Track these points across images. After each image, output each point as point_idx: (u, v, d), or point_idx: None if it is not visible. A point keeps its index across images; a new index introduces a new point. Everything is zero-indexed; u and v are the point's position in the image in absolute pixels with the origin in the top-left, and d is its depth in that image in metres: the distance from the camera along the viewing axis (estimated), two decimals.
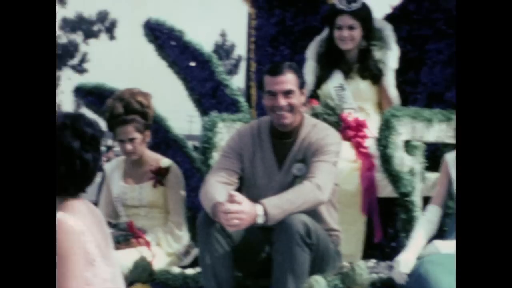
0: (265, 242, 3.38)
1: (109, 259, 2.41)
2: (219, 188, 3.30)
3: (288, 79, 3.36)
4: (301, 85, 3.42)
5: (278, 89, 3.35)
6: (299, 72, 3.43)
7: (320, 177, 3.26)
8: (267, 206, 3.13)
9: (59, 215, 2.28)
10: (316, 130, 3.41)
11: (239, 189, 3.52)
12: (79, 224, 2.30)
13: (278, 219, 3.15)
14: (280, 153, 3.43)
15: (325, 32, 4.45)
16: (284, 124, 3.38)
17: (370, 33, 4.31)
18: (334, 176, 3.36)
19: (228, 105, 4.59)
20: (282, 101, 3.35)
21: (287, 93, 3.36)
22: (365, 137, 4.05)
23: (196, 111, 4.87)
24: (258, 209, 3.12)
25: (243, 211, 3.09)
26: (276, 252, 3.20)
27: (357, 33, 4.24)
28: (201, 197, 3.33)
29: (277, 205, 3.15)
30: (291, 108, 3.37)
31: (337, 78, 4.32)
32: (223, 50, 48.81)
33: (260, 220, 3.13)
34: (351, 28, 4.21)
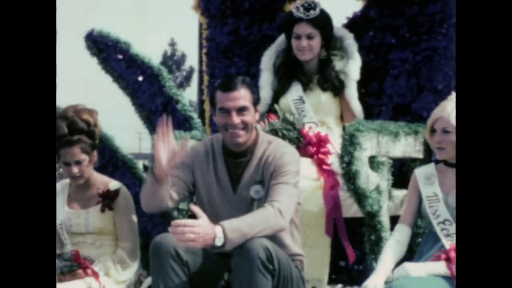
0: (223, 269, 3.36)
1: None
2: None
3: (242, 95, 3.35)
4: (256, 101, 3.41)
5: (231, 105, 3.34)
6: (253, 87, 3.43)
7: (281, 201, 3.25)
8: (227, 229, 3.11)
9: None
10: (272, 148, 3.41)
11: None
12: None
13: (237, 243, 3.13)
14: (234, 174, 3.42)
15: (279, 41, 4.47)
16: (238, 143, 3.38)
17: (330, 42, 4.34)
18: (295, 199, 3.36)
19: (180, 122, 4.57)
20: (236, 119, 3.34)
21: (241, 110, 3.35)
22: (328, 153, 4.06)
23: (145, 128, 4.84)
24: (217, 230, 3.11)
25: (200, 225, 3.07)
26: (236, 279, 3.17)
27: (316, 42, 4.26)
28: (143, 198, 3.38)
29: (237, 228, 3.13)
30: (245, 126, 3.36)
31: (296, 91, 4.33)
32: (173, 61, 48.71)
33: (219, 242, 3.10)
34: (309, 37, 4.24)
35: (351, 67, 4.30)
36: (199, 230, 3.06)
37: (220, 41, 4.73)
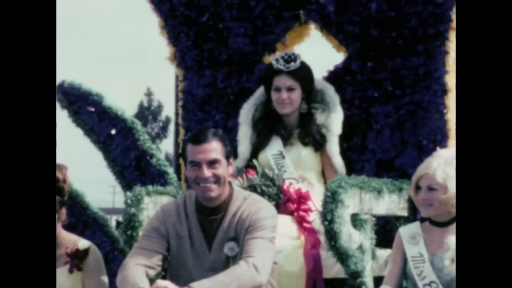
0: None
1: None
2: (140, 272, 3.24)
3: (213, 148, 3.36)
4: (228, 154, 3.41)
5: (202, 158, 3.33)
6: (225, 140, 3.43)
7: (257, 256, 3.22)
8: None
9: None
10: (247, 204, 3.39)
11: (164, 271, 3.47)
12: None
13: None
14: (209, 232, 3.39)
15: (258, 93, 4.47)
16: (210, 197, 3.36)
17: (311, 95, 4.35)
18: (272, 254, 3.33)
19: (155, 177, 4.54)
20: (207, 172, 3.33)
21: (212, 163, 3.34)
22: (309, 210, 4.04)
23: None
24: None
25: None
26: None
27: (297, 95, 4.27)
28: (119, 283, 3.25)
29: None
30: (217, 180, 3.35)
31: (275, 145, 4.32)
32: (150, 111, 48.80)
33: None
34: (290, 89, 4.24)
35: (333, 121, 4.30)
36: None
37: (196, 93, 4.73)
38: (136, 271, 3.24)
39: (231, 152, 3.45)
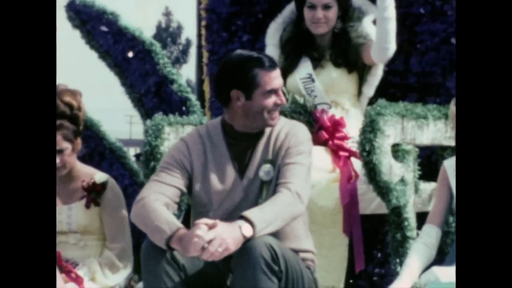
0: (224, 273, 3.33)
1: None
2: (166, 210, 3.25)
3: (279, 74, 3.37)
4: None
5: (279, 85, 3.34)
6: None
7: (298, 183, 3.23)
8: (254, 220, 3.07)
9: None
10: (282, 123, 3.40)
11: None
12: None
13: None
14: (241, 158, 3.39)
15: (287, 11, 4.42)
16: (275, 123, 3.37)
17: (348, 12, 4.29)
18: (310, 182, 3.35)
19: (176, 105, 4.55)
20: (283, 98, 3.35)
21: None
22: (345, 138, 4.03)
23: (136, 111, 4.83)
24: (243, 226, 3.05)
25: (221, 235, 3.03)
26: (237, 282, 3.14)
27: (333, 13, 4.21)
28: (139, 221, 3.26)
29: (263, 218, 3.10)
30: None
31: (304, 67, 4.29)
32: (168, 33, 48.79)
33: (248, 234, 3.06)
34: (326, 7, 4.19)
35: (367, 24, 4.24)
36: (227, 240, 3.03)
37: (221, 11, 4.70)
38: (163, 208, 3.26)
39: None
